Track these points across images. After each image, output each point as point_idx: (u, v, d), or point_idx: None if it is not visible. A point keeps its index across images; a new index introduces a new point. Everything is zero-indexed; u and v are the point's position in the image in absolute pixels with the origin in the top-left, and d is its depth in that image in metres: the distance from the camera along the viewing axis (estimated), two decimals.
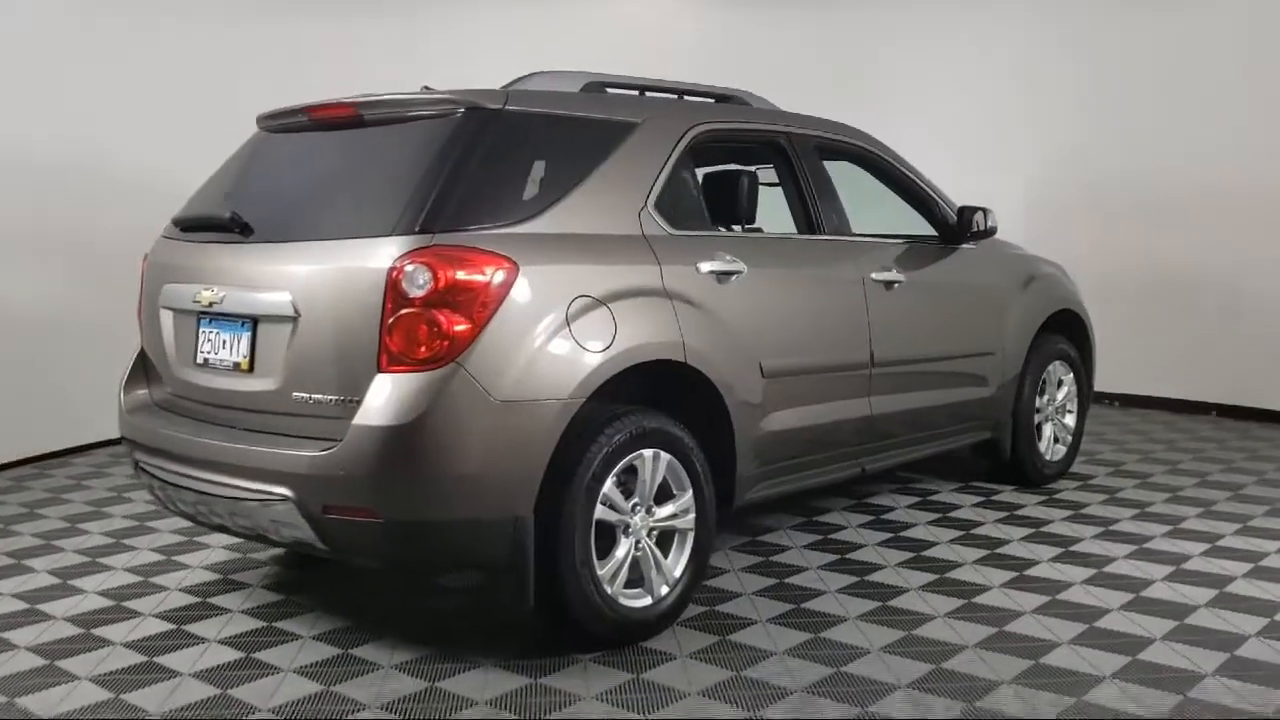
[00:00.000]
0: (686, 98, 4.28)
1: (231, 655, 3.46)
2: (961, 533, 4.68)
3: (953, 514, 4.98)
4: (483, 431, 3.10)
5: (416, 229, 3.13)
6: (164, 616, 3.80)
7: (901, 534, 4.67)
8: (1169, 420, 7.54)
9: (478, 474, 3.10)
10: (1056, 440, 5.66)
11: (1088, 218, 8.02)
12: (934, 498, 5.28)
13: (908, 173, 4.94)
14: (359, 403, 3.07)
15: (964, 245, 5.05)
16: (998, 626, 3.59)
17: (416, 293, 3.06)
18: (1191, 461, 6.15)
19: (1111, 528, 4.75)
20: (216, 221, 3.55)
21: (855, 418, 4.38)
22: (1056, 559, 4.31)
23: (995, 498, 5.29)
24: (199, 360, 3.56)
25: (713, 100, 4.40)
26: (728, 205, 4.22)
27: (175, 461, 3.52)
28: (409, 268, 3.07)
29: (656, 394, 3.66)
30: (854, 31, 8.58)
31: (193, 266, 3.63)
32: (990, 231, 4.97)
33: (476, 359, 3.08)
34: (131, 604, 3.92)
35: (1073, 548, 4.46)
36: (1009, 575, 4.11)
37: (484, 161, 3.32)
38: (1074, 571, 4.15)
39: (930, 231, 5.05)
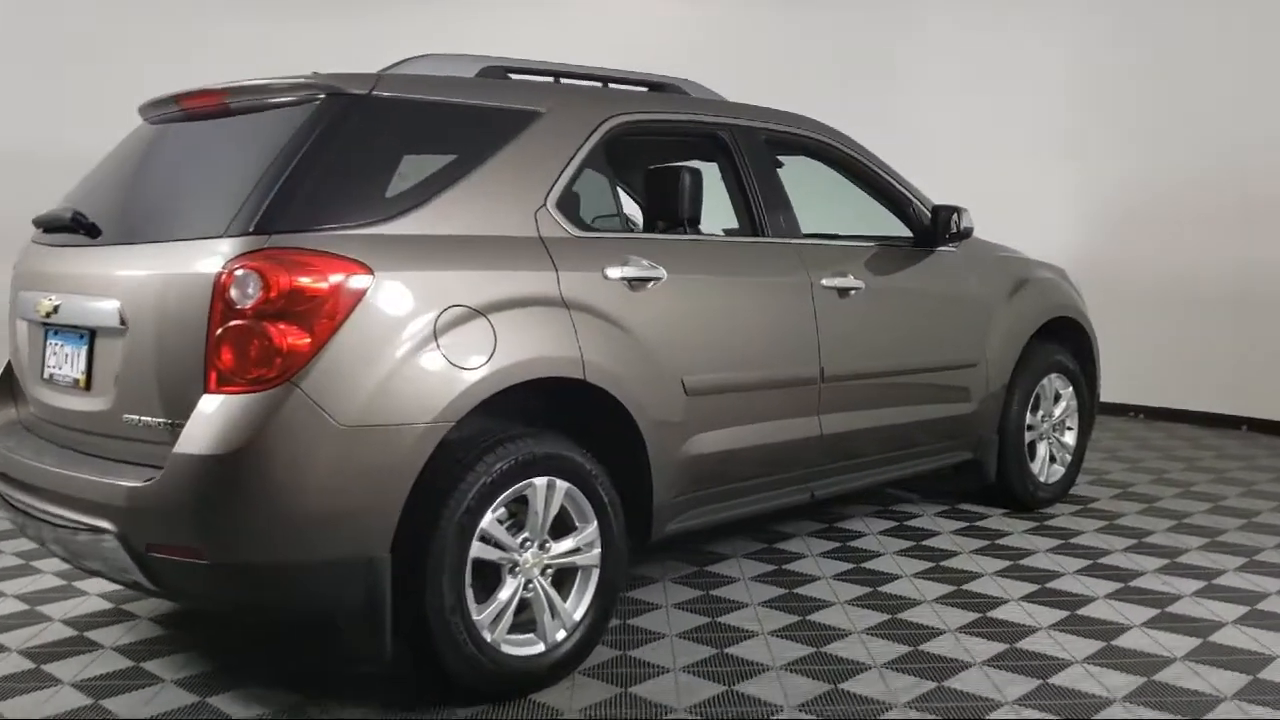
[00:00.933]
0: (612, 86, 3.88)
1: (79, 700, 3.12)
2: (929, 565, 4.23)
3: (927, 542, 4.53)
4: (324, 461, 2.73)
5: (251, 229, 2.78)
6: (29, 653, 3.47)
7: (863, 565, 4.23)
8: (1195, 436, 6.99)
9: (318, 510, 2.74)
10: (1053, 460, 5.17)
11: (1145, 221, 7.51)
12: (911, 523, 4.83)
13: (876, 169, 4.50)
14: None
15: (941, 248, 4.60)
16: (938, 681, 3.15)
17: (246, 302, 2.70)
18: (1209, 484, 5.62)
19: (1100, 560, 4.27)
20: (61, 222, 3.22)
21: (802, 438, 3.95)
22: (1028, 598, 3.85)
23: (979, 523, 4.82)
24: (45, 375, 3.25)
25: (646, 89, 3.99)
26: (667, 206, 3.83)
27: (22, 490, 3.20)
28: (239, 273, 2.71)
29: (567, 416, 3.31)
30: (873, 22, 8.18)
31: (41, 272, 3.32)
32: (965, 233, 4.51)
33: (316, 378, 2.71)
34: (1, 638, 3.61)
35: (1050, 584, 3.99)
36: (967, 618, 3.66)
37: (342, 153, 2.96)
38: (1043, 614, 3.69)
39: (906, 234, 4.60)
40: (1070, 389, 5.20)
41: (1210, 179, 7.17)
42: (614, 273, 3.34)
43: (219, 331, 2.71)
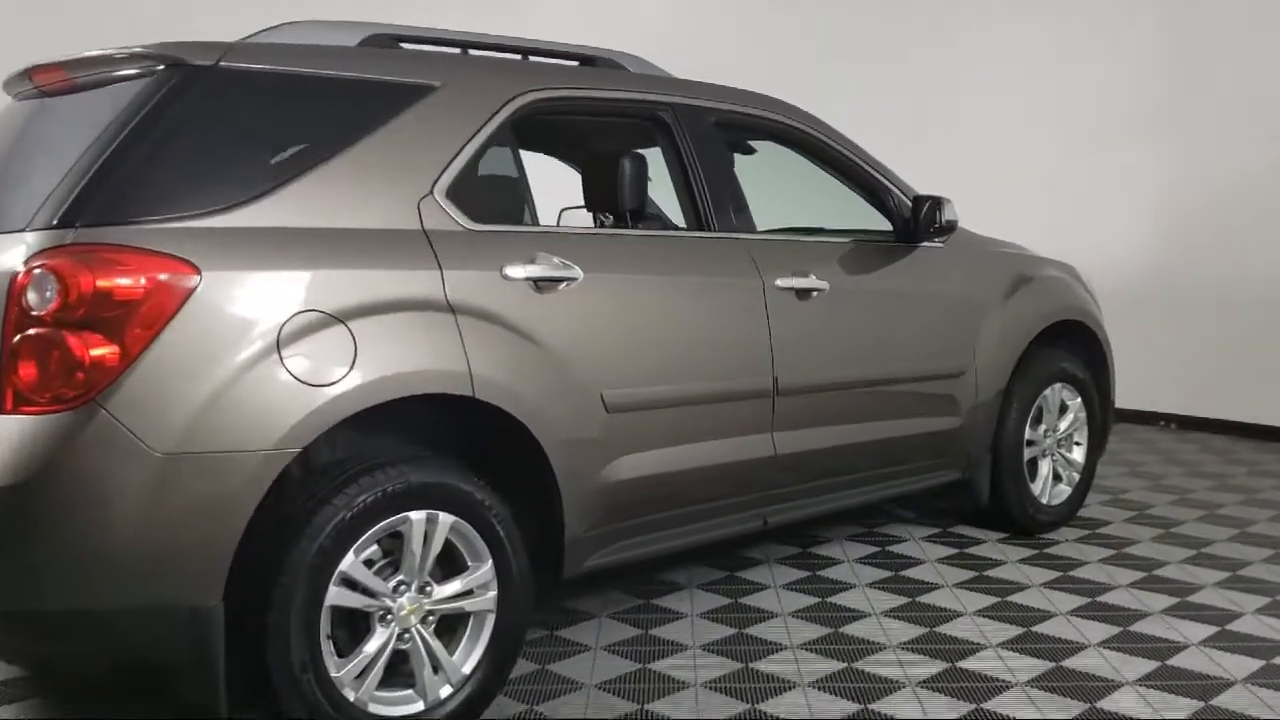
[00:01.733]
0: (533, 59, 3.43)
1: None
2: (903, 600, 3.74)
3: (907, 571, 4.04)
4: (134, 494, 2.32)
5: (55, 222, 2.37)
6: None
7: (829, 599, 3.76)
8: (1228, 449, 6.41)
9: (128, 550, 2.34)
10: (1058, 479, 4.65)
11: (1205, 221, 6.90)
12: (894, 548, 4.34)
13: (850, 156, 4.01)
14: None
15: (925, 244, 4.10)
16: None
17: (44, 307, 2.30)
18: (1237, 506, 5.06)
19: (1099, 598, 3.76)
20: None
21: (751, 458, 3.49)
22: (1008, 644, 3.36)
23: (970, 550, 4.32)
24: None
25: (577, 64, 3.54)
26: (605, 196, 3.40)
27: None
28: (36, 273, 2.31)
29: (473, 438, 2.93)
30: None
31: None
32: (947, 226, 4.01)
33: (126, 397, 2.30)
34: None
35: (1037, 627, 3.50)
36: (933, 669, 3.18)
37: (173, 133, 2.54)
38: (1021, 665, 3.20)
39: (888, 228, 4.11)
40: (1078, 400, 4.67)
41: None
42: (516, 272, 2.90)
43: (14, 341, 2.31)
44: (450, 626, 2.82)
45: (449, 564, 2.80)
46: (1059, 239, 6.65)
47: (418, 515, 2.69)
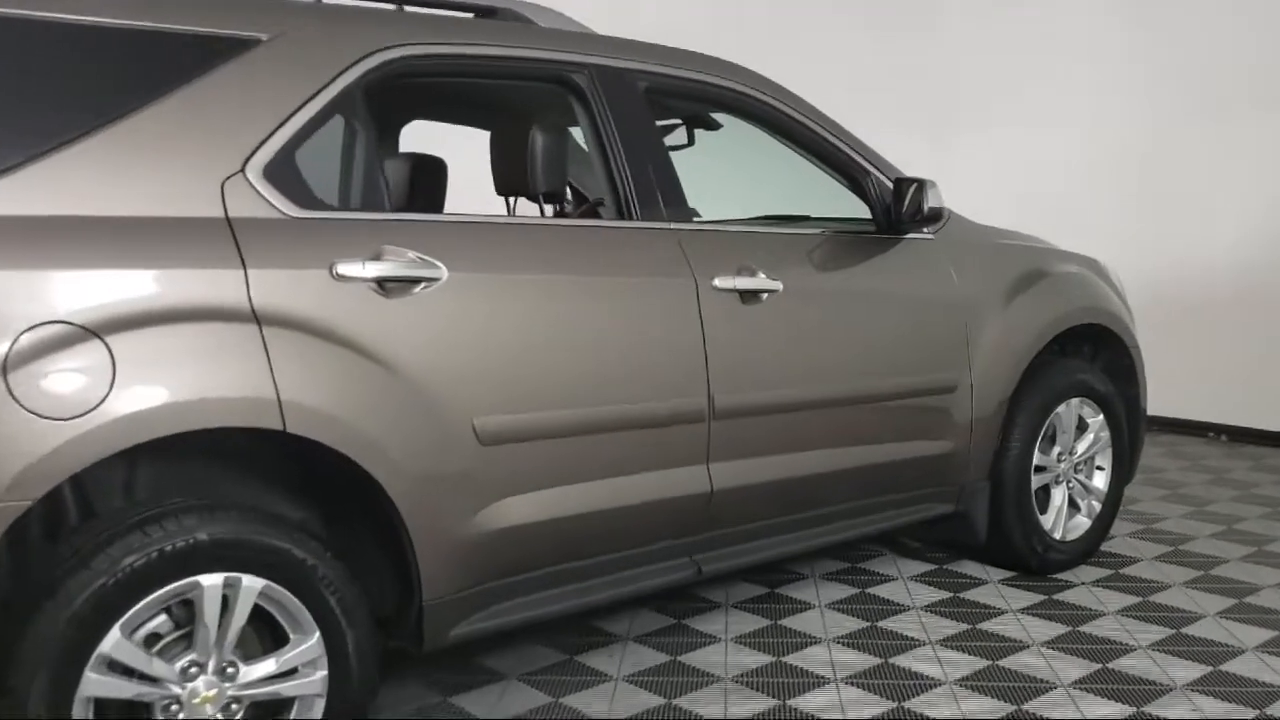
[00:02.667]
0: (410, 9, 2.84)
1: None
2: (874, 661, 3.12)
3: (885, 622, 3.42)
4: None
5: None
6: None
7: (785, 658, 3.15)
8: None
9: None
10: (1075, 509, 3.99)
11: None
12: (877, 589, 3.71)
13: (818, 129, 3.38)
14: None
15: (912, 236, 3.47)
16: None
17: None
18: None
19: (1112, 664, 3.11)
20: None
21: (680, 497, 2.89)
22: None
23: (965, 594, 3.67)
24: None
25: (471, 15, 2.94)
26: (514, 176, 2.82)
27: None
28: None
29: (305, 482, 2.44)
30: None
31: None
32: (931, 215, 3.36)
33: None
34: None
35: (1029, 704, 2.86)
36: None
37: None
38: None
39: (870, 217, 3.49)
40: (1100, 417, 4.00)
41: None
42: (351, 270, 2.32)
43: None
44: (279, 711, 2.26)
45: (260, 638, 2.24)
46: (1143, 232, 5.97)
47: (211, 580, 2.13)
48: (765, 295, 3.02)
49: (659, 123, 3.69)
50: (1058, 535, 3.89)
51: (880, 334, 3.34)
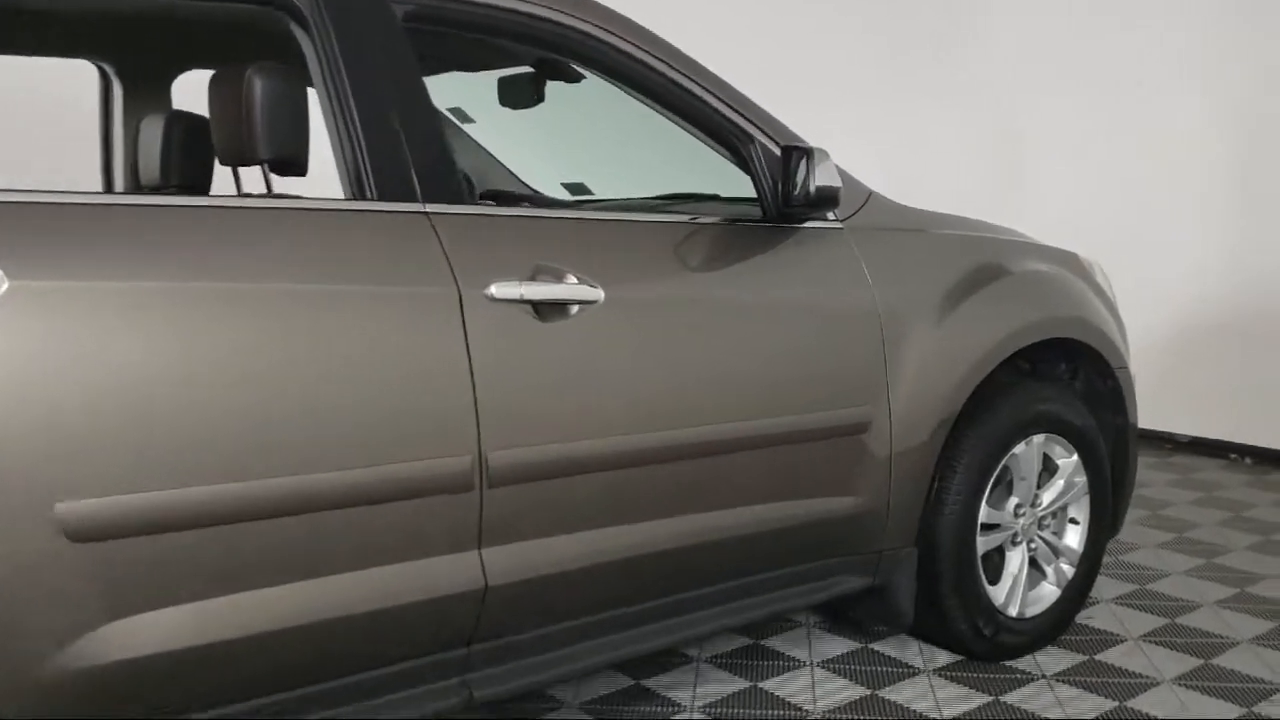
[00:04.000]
0: None
1: None
2: None
3: None
4: None
5: None
6: None
7: None
8: None
9: None
10: (1040, 574, 3.12)
11: None
12: (772, 684, 2.85)
13: (684, 80, 2.50)
14: None
15: (812, 224, 2.61)
16: None
17: None
18: None
19: None
20: None
21: (433, 599, 2.04)
22: None
23: (885, 692, 2.81)
24: None
25: None
26: (232, 141, 2.00)
27: None
28: None
29: None
30: None
31: None
32: (821, 197, 2.48)
33: None
34: None
35: None
36: None
37: None
38: None
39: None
40: (1074, 458, 3.11)
41: None
42: None
43: None
44: None
45: None
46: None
47: None
48: (577, 308, 2.17)
49: (502, 71, 2.89)
50: (1013, 611, 3.01)
51: (755, 357, 2.47)
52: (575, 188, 3.74)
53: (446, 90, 3.24)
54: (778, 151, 2.53)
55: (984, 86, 6.03)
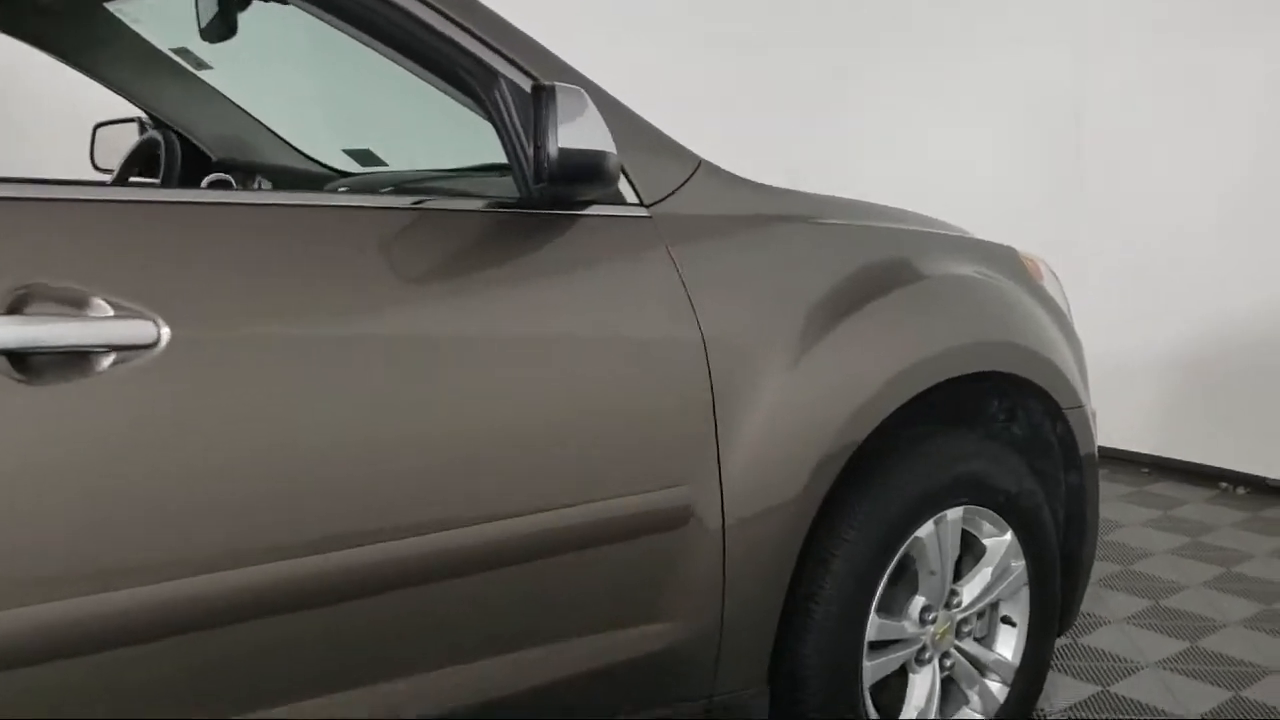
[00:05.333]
0: None
1: None
2: None
3: None
4: None
5: None
6: None
7: None
8: None
9: None
10: (961, 697, 2.22)
11: None
12: None
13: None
14: None
15: (595, 212, 1.69)
16: None
17: None
18: None
19: None
20: None
21: None
22: None
23: None
24: None
25: None
26: None
27: None
28: None
29: None
30: None
31: None
32: (575, 164, 1.56)
33: None
34: None
35: None
36: None
37: None
38: None
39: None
40: (1008, 536, 2.23)
41: None
42: None
43: None
44: None
45: None
46: None
47: None
48: (110, 360, 1.25)
49: None
50: None
51: (486, 427, 1.56)
52: (362, 156, 2.83)
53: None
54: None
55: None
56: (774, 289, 1.89)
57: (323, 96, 2.95)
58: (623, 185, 1.75)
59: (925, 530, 2.07)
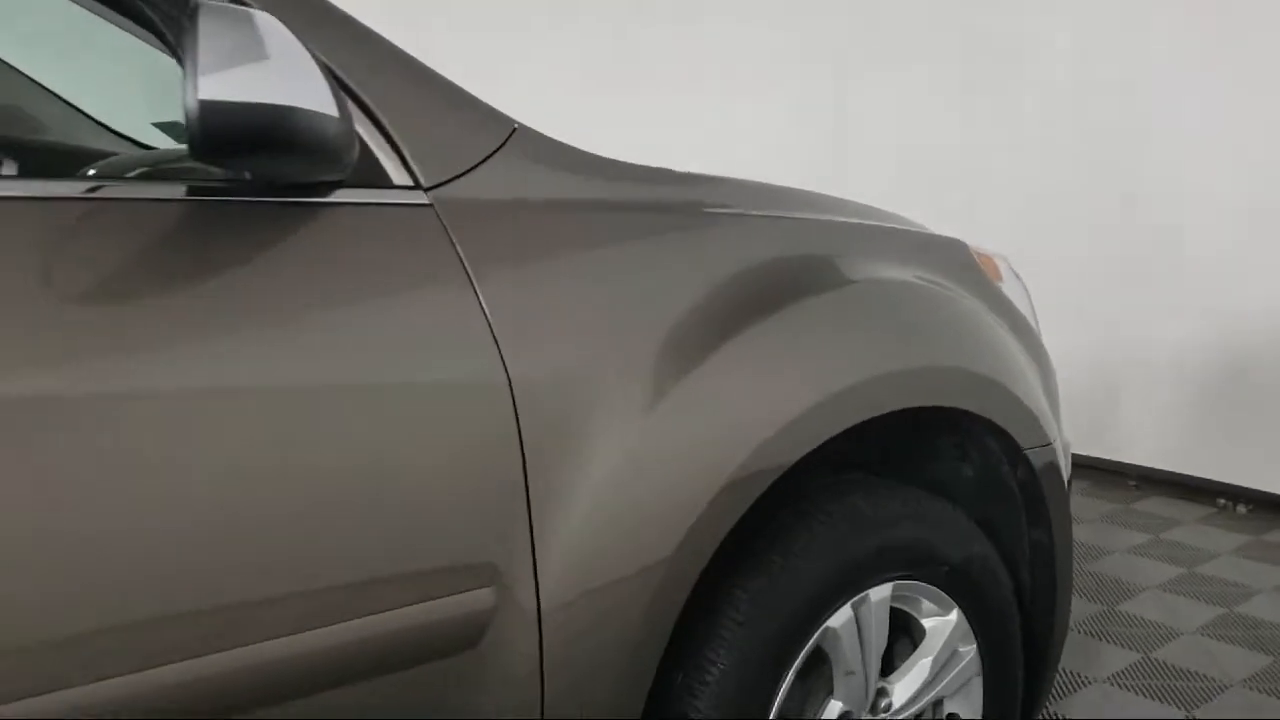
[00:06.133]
0: None
1: None
2: None
3: None
4: None
5: None
6: None
7: None
8: None
9: None
10: None
11: None
12: None
13: None
14: None
15: (342, 199, 1.17)
16: None
17: None
18: None
19: None
20: None
21: None
22: None
23: None
24: None
25: None
26: None
27: None
28: None
29: None
30: None
31: None
32: (251, 131, 1.04)
33: None
34: None
35: None
36: None
37: None
38: None
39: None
40: (953, 616, 1.71)
41: None
42: None
43: None
44: None
45: None
46: None
47: None
48: None
49: None
50: None
51: (185, 512, 1.05)
52: (172, 128, 2.31)
53: None
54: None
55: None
56: (622, 303, 1.37)
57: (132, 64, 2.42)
58: (387, 160, 1.23)
59: (840, 618, 1.57)
